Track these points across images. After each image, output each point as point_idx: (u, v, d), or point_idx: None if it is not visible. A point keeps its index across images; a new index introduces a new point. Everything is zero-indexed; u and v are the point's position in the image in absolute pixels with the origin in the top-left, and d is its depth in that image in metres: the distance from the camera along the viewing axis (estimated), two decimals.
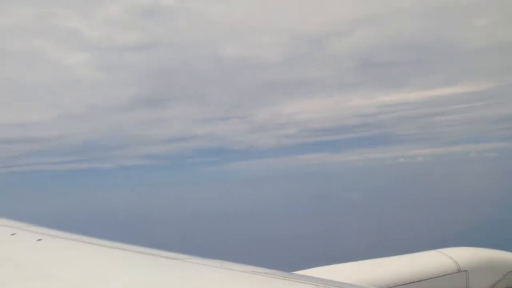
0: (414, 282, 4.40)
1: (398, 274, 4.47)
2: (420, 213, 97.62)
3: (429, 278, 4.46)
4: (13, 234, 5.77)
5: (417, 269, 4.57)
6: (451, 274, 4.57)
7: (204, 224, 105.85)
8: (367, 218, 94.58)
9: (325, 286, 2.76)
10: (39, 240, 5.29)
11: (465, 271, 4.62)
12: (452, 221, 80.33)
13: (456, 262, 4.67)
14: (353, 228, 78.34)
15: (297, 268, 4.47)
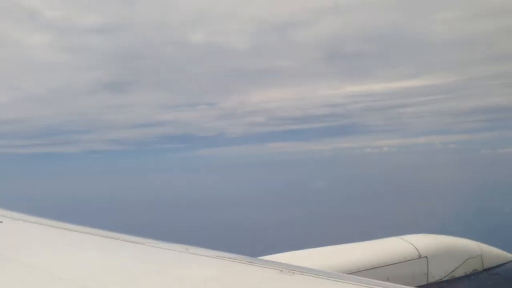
0: (376, 267, 4.47)
1: (361, 259, 4.54)
2: (385, 202, 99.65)
3: (391, 264, 4.55)
4: None
5: (379, 255, 4.65)
6: (411, 260, 4.67)
7: (170, 210, 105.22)
8: (334, 206, 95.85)
9: (289, 271, 2.78)
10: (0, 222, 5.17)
11: (425, 257, 4.73)
12: (414, 210, 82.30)
13: (417, 249, 4.77)
14: (320, 216, 79.39)
15: (262, 255, 4.49)
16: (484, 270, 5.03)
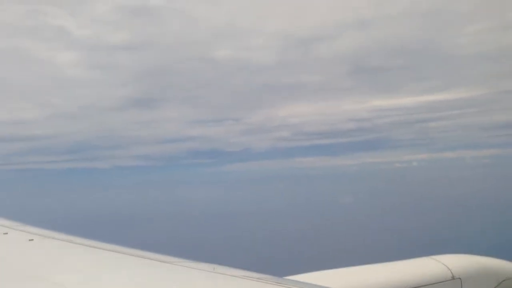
0: None
1: (392, 280, 4.45)
2: (416, 218, 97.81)
3: (423, 286, 4.44)
4: (5, 233, 5.73)
5: (410, 276, 4.55)
6: (444, 281, 4.55)
7: (200, 225, 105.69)
8: (363, 222, 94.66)
9: None
10: (30, 240, 5.25)
11: (458, 278, 4.61)
12: (448, 227, 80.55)
13: (450, 270, 4.65)
14: (349, 232, 78.47)
15: (291, 272, 4.45)
16: None
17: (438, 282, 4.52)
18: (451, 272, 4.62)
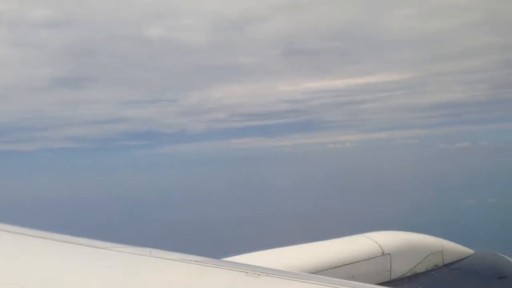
0: (340, 266, 4.51)
1: (326, 258, 4.57)
2: (348, 197, 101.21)
3: (355, 262, 4.60)
4: None
5: (343, 253, 4.70)
6: (375, 257, 4.74)
7: (133, 209, 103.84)
8: (297, 202, 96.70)
9: (254, 273, 2.77)
10: None
11: (388, 254, 4.81)
12: (377, 205, 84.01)
13: (380, 246, 4.84)
14: (283, 213, 79.97)
15: (227, 253, 4.47)
16: (445, 265, 5.15)
17: (369, 259, 4.70)
18: (381, 249, 4.81)
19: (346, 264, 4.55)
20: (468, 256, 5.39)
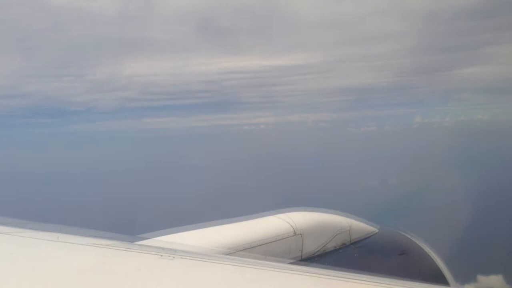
0: (254, 246, 4.59)
1: (239, 238, 4.62)
2: (262, 178, 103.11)
3: (268, 242, 4.71)
4: None
5: (257, 233, 4.78)
6: (287, 237, 4.88)
7: (38, 190, 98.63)
8: (211, 183, 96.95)
9: (169, 256, 2.75)
10: None
11: (300, 234, 4.97)
12: (290, 185, 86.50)
13: (292, 227, 4.99)
14: (195, 193, 79.89)
15: (142, 232, 4.38)
16: (352, 243, 5.43)
17: (282, 239, 4.83)
18: (293, 229, 4.96)
19: (260, 245, 4.64)
20: (373, 234, 5.72)
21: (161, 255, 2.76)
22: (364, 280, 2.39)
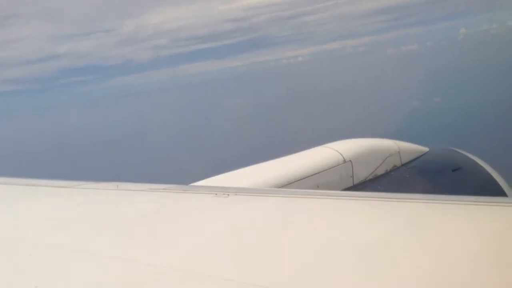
0: (304, 178, 4.65)
1: (290, 172, 4.70)
2: (312, 112, 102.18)
3: (319, 172, 4.75)
4: None
5: (307, 166, 4.83)
6: (337, 166, 4.90)
7: (93, 147, 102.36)
8: (261, 121, 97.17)
9: (223, 193, 2.83)
10: None
11: (349, 161, 4.98)
12: (337, 116, 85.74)
13: (341, 154, 5.00)
14: (247, 132, 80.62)
15: (194, 180, 4.52)
16: (403, 165, 5.40)
17: (332, 168, 4.86)
18: (343, 156, 4.97)
19: (310, 176, 4.69)
20: (424, 154, 5.65)
21: (216, 194, 2.85)
22: (419, 199, 2.39)
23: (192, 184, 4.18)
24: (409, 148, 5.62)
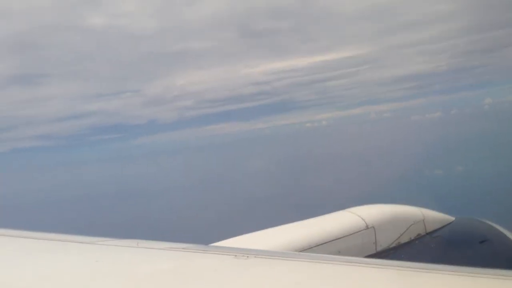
0: (326, 242, 4.58)
1: (311, 236, 4.63)
2: (332, 175, 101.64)
3: (341, 238, 4.67)
4: None
5: (328, 230, 4.76)
6: (360, 231, 4.82)
7: (114, 204, 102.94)
8: (282, 185, 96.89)
9: (243, 255, 2.80)
10: None
11: (372, 227, 4.89)
12: (358, 181, 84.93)
13: (364, 220, 4.92)
14: (269, 197, 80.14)
15: (214, 240, 4.49)
16: (427, 233, 5.27)
17: (354, 233, 4.78)
18: (365, 222, 4.89)
19: (332, 240, 4.61)
20: (449, 223, 5.52)
21: (235, 255, 2.82)
22: (445, 271, 2.32)
23: (212, 245, 4.15)
24: (434, 216, 5.50)
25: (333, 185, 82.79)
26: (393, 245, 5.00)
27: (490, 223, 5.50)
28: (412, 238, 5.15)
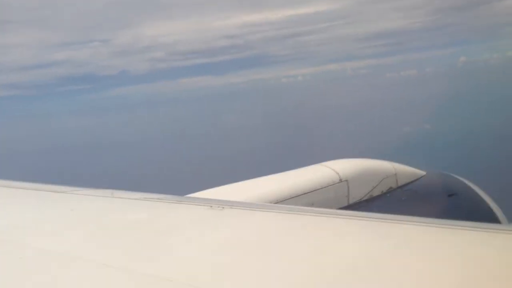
0: (300, 195, 4.65)
1: (286, 188, 4.69)
2: (311, 130, 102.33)
3: (314, 190, 4.75)
4: None
5: (303, 183, 4.83)
6: (333, 184, 4.90)
7: (89, 155, 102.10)
8: (260, 139, 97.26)
9: (218, 206, 2.82)
10: None
11: (345, 181, 4.98)
12: (335, 135, 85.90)
13: (337, 173, 5.00)
14: (243, 150, 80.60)
15: (189, 193, 4.51)
16: (399, 187, 5.39)
17: (327, 186, 4.85)
18: (339, 176, 4.97)
19: (306, 193, 4.68)
20: (420, 177, 5.65)
21: (211, 206, 2.84)
22: (414, 222, 2.38)
23: (187, 196, 4.17)
24: (406, 171, 5.62)
25: (309, 139, 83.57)
26: (366, 198, 5.11)
27: (459, 177, 5.65)
28: (384, 191, 5.27)
